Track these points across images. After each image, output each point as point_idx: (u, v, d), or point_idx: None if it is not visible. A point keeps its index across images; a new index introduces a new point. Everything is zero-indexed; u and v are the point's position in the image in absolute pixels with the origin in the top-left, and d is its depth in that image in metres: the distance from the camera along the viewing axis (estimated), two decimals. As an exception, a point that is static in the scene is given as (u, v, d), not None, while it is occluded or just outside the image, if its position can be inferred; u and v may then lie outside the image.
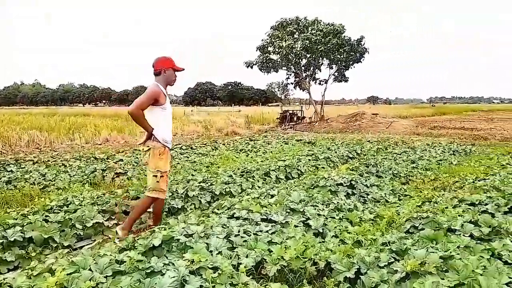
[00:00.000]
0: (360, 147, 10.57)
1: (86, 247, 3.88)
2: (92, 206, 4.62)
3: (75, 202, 4.72)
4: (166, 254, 3.07)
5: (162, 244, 3.13)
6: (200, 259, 2.75)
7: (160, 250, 3.12)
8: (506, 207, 4.20)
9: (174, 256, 3.00)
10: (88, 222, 4.21)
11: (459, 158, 9.05)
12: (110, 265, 2.67)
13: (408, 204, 4.90)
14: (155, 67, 4.03)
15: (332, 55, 20.05)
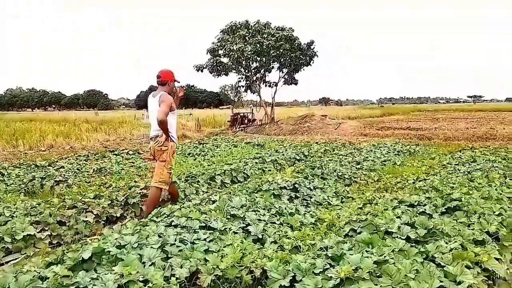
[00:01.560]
0: (307, 149, 10.72)
1: (11, 263, 3.68)
2: (24, 217, 4.36)
3: (6, 213, 4.44)
4: (96, 267, 2.89)
5: (93, 256, 2.94)
6: (130, 271, 2.61)
7: (90, 264, 2.92)
8: (443, 207, 4.37)
9: (104, 270, 2.83)
10: (18, 235, 3.96)
11: (403, 159, 9.41)
12: (32, 283, 2.48)
13: (350, 206, 4.98)
14: (162, 78, 4.91)
15: (283, 59, 20.36)
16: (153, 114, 4.82)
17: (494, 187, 5.62)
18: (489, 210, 4.24)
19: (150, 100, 4.99)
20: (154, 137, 4.91)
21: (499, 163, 7.41)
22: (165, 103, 4.66)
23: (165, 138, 4.81)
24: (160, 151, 4.85)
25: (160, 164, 4.88)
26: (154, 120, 4.82)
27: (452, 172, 6.77)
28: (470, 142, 13.19)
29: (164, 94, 4.80)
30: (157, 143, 4.84)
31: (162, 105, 4.64)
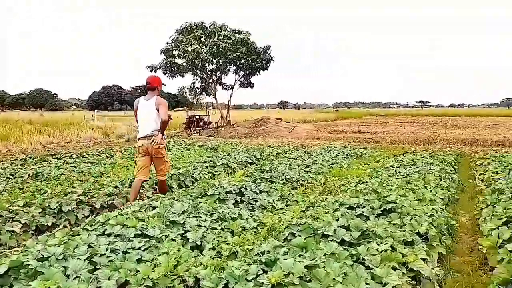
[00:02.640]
0: (260, 152, 10.74)
1: None
2: None
3: None
4: (13, 282, 2.70)
5: (9, 271, 2.75)
6: (50, 286, 2.45)
7: (6, 279, 2.73)
8: (380, 209, 4.47)
9: (21, 285, 2.65)
10: None
11: (350, 161, 9.61)
12: None
13: (294, 210, 5.00)
14: (152, 83, 5.48)
15: (239, 62, 20.33)
16: (147, 116, 5.44)
17: (429, 189, 5.84)
18: (421, 212, 4.38)
19: (142, 103, 5.52)
20: (149, 137, 5.39)
21: (437, 166, 7.71)
22: (163, 105, 5.34)
23: (161, 137, 5.39)
24: (158, 149, 5.44)
25: (161, 160, 5.58)
26: (148, 121, 5.43)
27: (393, 175, 6.96)
28: (414, 145, 13.71)
29: (159, 98, 5.44)
30: (153, 142, 5.34)
31: (162, 108, 5.30)
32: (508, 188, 5.41)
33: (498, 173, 6.95)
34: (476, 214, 5.09)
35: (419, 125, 24.81)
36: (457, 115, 45.77)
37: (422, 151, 10.75)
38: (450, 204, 5.84)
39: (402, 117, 43.14)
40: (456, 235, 4.63)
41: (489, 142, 13.58)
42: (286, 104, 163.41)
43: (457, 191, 6.70)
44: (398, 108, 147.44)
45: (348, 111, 71.14)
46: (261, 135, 17.91)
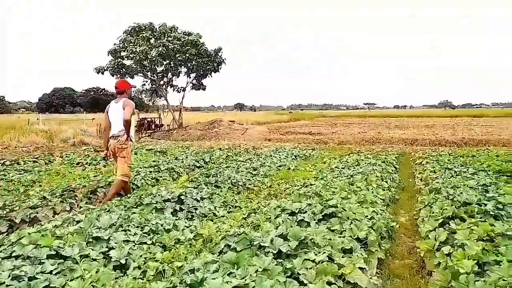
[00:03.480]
0: (209, 155, 10.33)
1: None
2: None
3: None
4: None
5: None
6: None
7: None
8: (321, 214, 4.22)
9: None
10: None
11: (298, 163, 9.43)
12: None
13: (235, 217, 4.66)
14: (120, 88, 5.71)
15: (190, 64, 19.77)
16: (115, 118, 5.60)
17: (371, 190, 5.70)
18: (361, 215, 4.18)
19: (112, 106, 5.72)
20: (115, 137, 5.58)
21: (379, 166, 7.66)
22: (129, 106, 5.49)
23: (126, 137, 5.53)
24: (120, 148, 5.55)
25: (122, 160, 5.61)
26: (116, 123, 5.59)
27: (337, 176, 6.81)
28: (359, 145, 13.83)
29: (127, 100, 5.61)
30: (118, 141, 5.51)
31: (127, 108, 5.44)
32: (444, 188, 5.35)
33: (436, 172, 6.97)
34: (415, 215, 4.98)
35: (365, 126, 25.32)
36: (400, 116, 47.46)
37: (367, 151, 10.79)
38: (391, 204, 5.73)
39: (350, 119, 44.09)
40: (396, 237, 4.48)
41: (428, 142, 13.96)
42: (243, 106, 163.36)
43: (397, 190, 6.64)
44: (347, 109, 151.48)
45: (301, 113, 71.96)
46: (214, 138, 17.49)
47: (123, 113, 5.45)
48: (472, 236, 3.28)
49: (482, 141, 13.57)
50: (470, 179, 5.96)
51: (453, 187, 5.31)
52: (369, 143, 14.52)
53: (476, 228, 3.48)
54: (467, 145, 13.20)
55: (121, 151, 5.58)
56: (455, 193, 4.80)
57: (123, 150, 5.58)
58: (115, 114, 5.61)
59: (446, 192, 5.05)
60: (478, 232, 3.41)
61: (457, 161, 8.06)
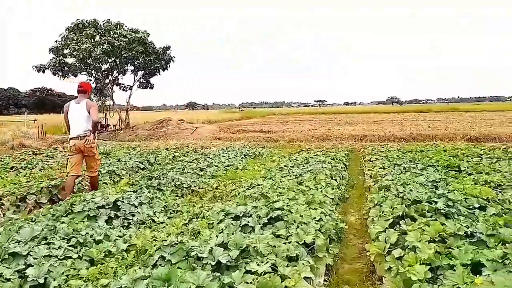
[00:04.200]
0: (155, 156, 9.82)
1: None
2: None
3: None
4: None
5: None
6: None
7: None
8: (267, 217, 3.96)
9: None
10: None
11: (247, 162, 9.17)
12: None
13: (175, 223, 4.30)
14: (84, 87, 5.93)
15: (137, 62, 18.95)
16: (78, 118, 5.77)
17: (320, 189, 5.54)
18: (308, 218, 3.97)
19: (72, 106, 5.84)
20: (81, 137, 5.73)
21: (328, 164, 7.57)
22: (94, 107, 5.84)
23: (93, 137, 5.81)
24: (89, 148, 5.79)
25: (92, 158, 5.95)
26: (80, 123, 5.75)
27: (286, 175, 6.61)
28: (310, 142, 13.84)
29: (90, 101, 5.93)
30: (86, 141, 5.70)
31: (93, 110, 5.74)
32: (394, 185, 5.29)
33: (385, 168, 6.97)
34: (364, 214, 4.86)
35: (316, 123, 25.61)
36: (350, 112, 48.70)
37: (317, 148, 10.75)
38: (340, 203, 5.62)
39: (301, 116, 44.61)
40: (345, 239, 4.34)
41: (377, 137, 14.24)
42: (195, 105, 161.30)
43: (347, 188, 6.56)
44: (299, 107, 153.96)
45: (253, 111, 72.05)
46: (162, 137, 16.84)
47: (87, 115, 5.72)
48: (424, 238, 3.15)
49: (429, 136, 14.03)
50: (420, 175, 5.97)
51: (403, 184, 5.26)
52: (319, 140, 14.58)
53: (427, 228, 3.37)
54: (415, 140, 13.60)
55: (90, 150, 5.85)
56: (405, 191, 4.72)
57: (92, 149, 5.87)
58: (77, 115, 5.78)
59: (395, 189, 4.98)
60: (430, 232, 3.30)
61: (406, 156, 8.16)
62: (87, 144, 5.72)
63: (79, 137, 5.74)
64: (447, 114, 35.63)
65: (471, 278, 2.38)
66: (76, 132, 5.77)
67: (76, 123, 5.78)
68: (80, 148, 5.77)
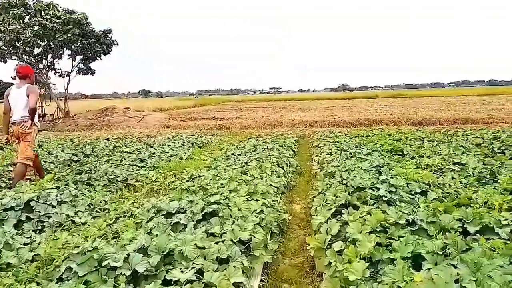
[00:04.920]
0: (92, 147, 9.08)
1: None
2: None
3: None
4: None
5: None
6: None
7: None
8: (202, 213, 3.56)
9: None
10: None
11: (193, 151, 8.68)
12: None
13: (98, 224, 3.80)
14: (22, 72, 5.69)
15: (74, 45, 17.55)
16: (17, 103, 5.57)
17: (264, 178, 5.21)
18: (248, 211, 3.61)
19: (13, 91, 5.66)
20: (19, 122, 5.54)
21: (276, 150, 7.27)
22: (34, 93, 5.54)
23: (30, 123, 5.57)
24: (25, 133, 5.56)
25: (25, 144, 5.60)
26: (18, 108, 5.56)
27: (231, 165, 6.23)
28: (262, 129, 13.53)
29: (31, 86, 5.64)
30: (22, 127, 5.50)
31: (32, 96, 5.49)
32: (339, 171, 5.05)
33: (332, 154, 6.76)
34: (309, 203, 4.58)
35: (269, 110, 25.38)
36: (303, 99, 49.00)
37: (267, 135, 10.43)
38: (286, 192, 5.32)
39: (256, 103, 44.32)
40: (288, 230, 4.03)
41: (327, 123, 14.18)
42: (148, 93, 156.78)
43: (295, 176, 6.29)
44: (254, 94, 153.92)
45: (208, 98, 70.86)
46: (106, 127, 15.86)
47: (26, 100, 5.52)
48: (365, 228, 2.88)
49: (376, 120, 14.16)
50: (364, 160, 5.80)
51: (348, 170, 5.03)
52: (271, 126, 14.30)
53: (369, 218, 3.11)
54: (363, 125, 13.66)
55: (25, 136, 5.62)
56: (349, 177, 4.49)
57: (27, 135, 5.63)
58: (17, 99, 5.61)
59: (340, 176, 4.73)
60: (371, 222, 3.04)
61: (352, 142, 8.02)
62: (22, 130, 5.55)
63: (17, 122, 5.60)
64: (393, 100, 36.72)
65: (411, 275, 2.13)
66: (14, 118, 5.65)
67: (15, 108, 5.65)
68: (17, 133, 5.61)
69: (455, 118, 13.74)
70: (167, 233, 3.26)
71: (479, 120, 13.38)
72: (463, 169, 5.06)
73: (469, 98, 32.02)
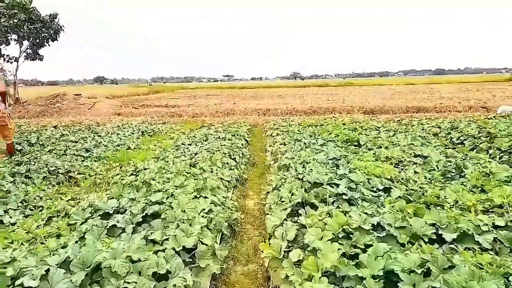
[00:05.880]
0: (38, 135, 8.16)
1: None
2: None
3: None
4: None
5: None
6: None
7: None
8: (142, 214, 3.06)
9: None
10: None
11: (142, 140, 8.02)
12: None
13: (28, 225, 3.20)
14: None
15: (21, 31, 16.00)
16: None
17: (215, 171, 4.77)
18: (194, 211, 3.16)
19: None
20: None
21: (229, 140, 6.82)
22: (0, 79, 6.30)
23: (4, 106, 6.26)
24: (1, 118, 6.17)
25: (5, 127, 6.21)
26: None
27: (180, 155, 5.72)
28: (214, 117, 12.99)
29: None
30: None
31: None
32: (294, 164, 4.71)
33: (285, 144, 6.43)
34: (263, 199, 4.20)
35: (223, 98, 24.73)
36: (256, 87, 48.52)
37: (219, 124, 9.92)
38: (238, 186, 4.91)
39: (209, 90, 43.32)
40: (241, 231, 3.62)
41: (280, 112, 13.86)
42: (103, 80, 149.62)
43: (248, 167, 5.90)
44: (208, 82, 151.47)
45: (163, 86, 68.35)
46: (56, 113, 14.62)
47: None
48: (326, 234, 2.54)
49: (328, 109, 14.00)
50: (320, 151, 5.50)
51: (303, 163, 4.70)
52: (224, 114, 13.78)
53: (329, 221, 2.78)
54: (316, 113, 13.47)
55: (2, 120, 6.17)
56: (304, 172, 4.15)
57: (4, 118, 6.17)
58: None
59: (295, 169, 4.39)
60: (332, 227, 2.70)
61: (306, 131, 7.73)
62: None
63: None
64: (344, 88, 37.14)
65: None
66: None
67: None
68: None
69: (407, 106, 13.79)
70: (101, 239, 2.76)
71: (431, 109, 13.37)
72: (425, 162, 4.78)
73: (417, 87, 32.61)
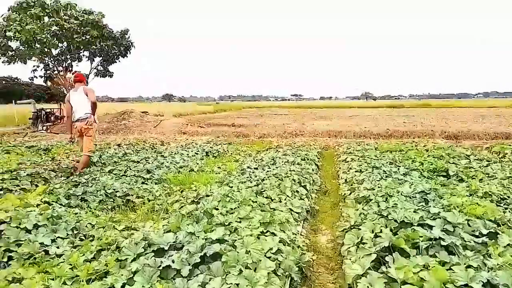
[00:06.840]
0: (100, 153, 8.40)
1: None
2: None
3: None
4: None
5: None
6: None
7: None
8: (200, 253, 2.73)
9: None
10: None
11: (205, 162, 7.89)
12: None
13: (73, 259, 3.01)
14: (79, 77, 6.84)
15: (92, 47, 17.10)
16: (80, 103, 6.44)
17: (284, 200, 4.36)
18: (259, 253, 2.76)
19: (73, 94, 6.57)
20: (83, 119, 6.39)
21: (298, 165, 6.40)
22: (91, 91, 6.50)
23: (93, 119, 6.47)
24: (87, 129, 6.40)
25: (89, 138, 6.46)
26: (81, 107, 6.43)
27: (245, 181, 5.39)
28: (282, 138, 12.67)
29: (86, 86, 6.73)
30: (87, 122, 6.37)
31: (90, 93, 6.45)
32: (374, 196, 4.15)
33: (362, 172, 5.85)
34: (338, 237, 3.69)
35: (290, 117, 24.46)
36: (325, 107, 47.78)
37: (287, 146, 9.52)
38: (309, 218, 4.45)
39: (277, 110, 43.40)
40: (312, 275, 3.15)
41: (352, 134, 13.19)
42: (171, 97, 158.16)
43: (319, 196, 5.42)
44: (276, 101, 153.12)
45: (229, 104, 70.34)
46: (122, 131, 15.31)
47: (86, 99, 6.38)
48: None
49: (406, 132, 13.06)
50: (403, 181, 4.87)
51: (385, 195, 4.12)
52: (292, 135, 13.42)
53: (427, 276, 2.23)
54: (392, 136, 12.60)
55: (88, 131, 6.41)
56: (388, 207, 3.59)
57: (89, 130, 6.42)
58: (77, 100, 6.44)
59: (376, 203, 3.83)
60: (431, 283, 2.16)
61: (385, 157, 7.06)
62: (86, 125, 6.35)
63: (80, 119, 6.38)
64: (420, 109, 35.12)
65: None
66: (78, 116, 6.42)
67: (77, 108, 6.43)
68: (81, 129, 6.37)
69: (494, 132, 12.48)
70: (152, 282, 2.47)
71: (524, 136, 12.04)
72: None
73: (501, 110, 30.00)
